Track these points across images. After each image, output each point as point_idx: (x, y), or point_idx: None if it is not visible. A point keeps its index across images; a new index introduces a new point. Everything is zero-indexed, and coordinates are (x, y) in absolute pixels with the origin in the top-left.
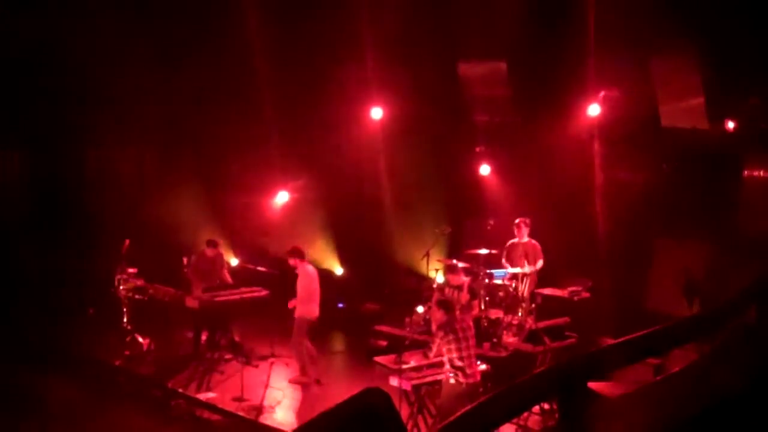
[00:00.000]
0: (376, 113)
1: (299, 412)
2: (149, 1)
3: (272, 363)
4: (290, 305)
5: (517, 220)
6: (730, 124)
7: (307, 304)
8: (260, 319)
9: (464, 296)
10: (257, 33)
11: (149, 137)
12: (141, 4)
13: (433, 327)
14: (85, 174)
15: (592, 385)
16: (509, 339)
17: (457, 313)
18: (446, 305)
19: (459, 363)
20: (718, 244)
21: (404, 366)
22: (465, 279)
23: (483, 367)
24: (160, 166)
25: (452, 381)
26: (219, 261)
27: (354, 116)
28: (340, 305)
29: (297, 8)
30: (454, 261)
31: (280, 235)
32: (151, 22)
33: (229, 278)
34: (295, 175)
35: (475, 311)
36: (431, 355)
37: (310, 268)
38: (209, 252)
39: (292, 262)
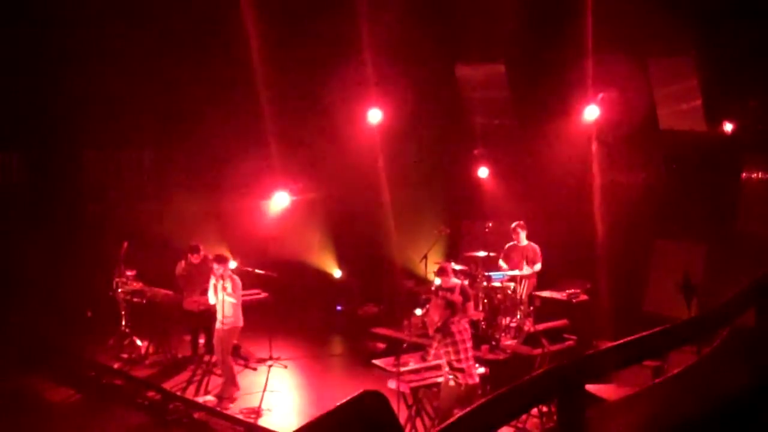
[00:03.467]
0: (375, 115)
1: (297, 415)
2: (148, 1)
3: (271, 366)
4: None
5: (513, 225)
6: (728, 126)
7: (239, 312)
8: (259, 321)
9: (456, 298)
10: (256, 34)
11: (148, 139)
12: (140, 4)
13: (429, 330)
14: (83, 176)
15: (590, 387)
16: (507, 341)
17: (456, 317)
18: (452, 307)
19: (457, 365)
20: (716, 246)
21: (402, 368)
22: (456, 281)
23: (481, 369)
24: (159, 168)
25: (452, 383)
26: (207, 267)
27: (353, 118)
28: (339, 308)
29: (296, 11)
30: (451, 263)
31: (280, 237)
32: (150, 24)
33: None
34: (293, 178)
35: (470, 314)
36: (430, 358)
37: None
38: (193, 259)
39: (224, 268)
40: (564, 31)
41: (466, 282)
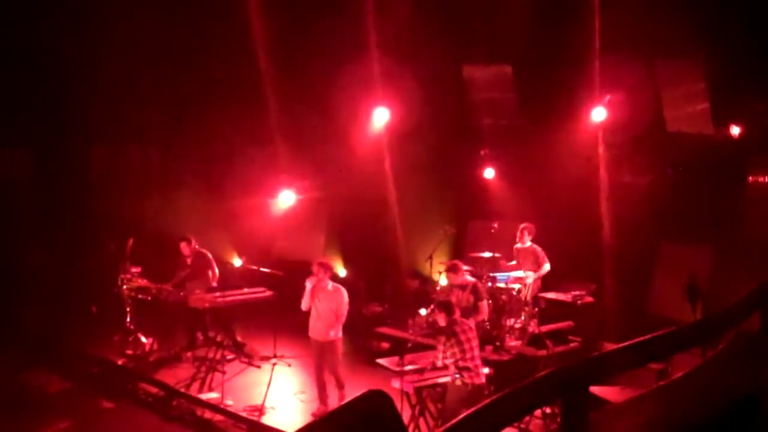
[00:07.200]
0: (381, 115)
1: (301, 413)
2: None
3: (275, 364)
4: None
5: (521, 226)
6: (736, 130)
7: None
8: (263, 319)
9: (468, 297)
10: (263, 32)
11: (154, 135)
12: (147, 1)
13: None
14: (90, 171)
15: (594, 389)
16: (512, 342)
17: (457, 316)
18: (446, 307)
19: (464, 364)
20: (722, 250)
21: (406, 368)
22: (470, 279)
23: (486, 370)
24: (165, 165)
25: (458, 383)
26: (201, 260)
27: (359, 117)
28: None
29: (302, 9)
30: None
31: (285, 235)
32: (157, 20)
33: (211, 282)
34: (299, 176)
35: (482, 315)
36: (440, 363)
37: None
38: (183, 248)
39: (328, 275)
40: (571, 33)
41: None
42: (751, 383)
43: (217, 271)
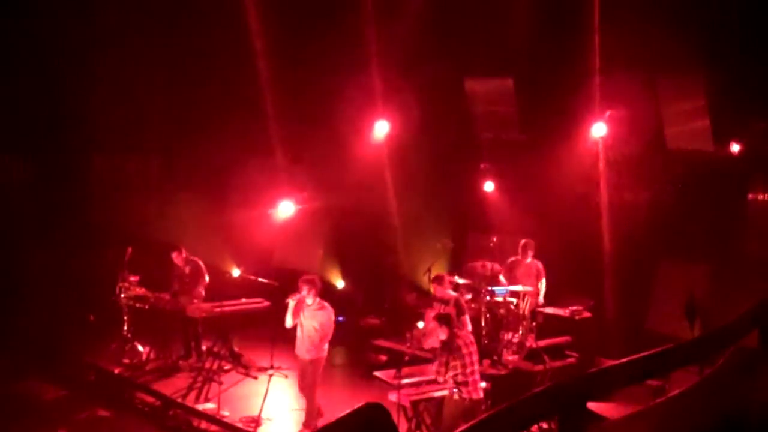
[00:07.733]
0: (382, 127)
1: (297, 425)
2: (157, 7)
3: (271, 375)
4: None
5: (523, 241)
6: (736, 147)
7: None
8: (261, 330)
9: (450, 311)
10: (264, 43)
11: (155, 144)
12: (148, 10)
13: (425, 343)
14: (89, 180)
15: (591, 405)
16: (509, 357)
17: (457, 329)
18: (446, 321)
19: (463, 378)
20: (721, 267)
21: (404, 381)
22: (452, 294)
23: (483, 384)
24: (165, 174)
25: (456, 397)
26: (194, 271)
27: (359, 129)
28: (341, 319)
29: (305, 21)
30: (455, 276)
31: (284, 246)
32: (158, 30)
33: (201, 289)
34: (299, 187)
35: (465, 328)
36: (441, 379)
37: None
38: (175, 258)
39: (313, 292)
40: (573, 48)
41: (469, 296)
42: (748, 400)
43: (207, 278)
